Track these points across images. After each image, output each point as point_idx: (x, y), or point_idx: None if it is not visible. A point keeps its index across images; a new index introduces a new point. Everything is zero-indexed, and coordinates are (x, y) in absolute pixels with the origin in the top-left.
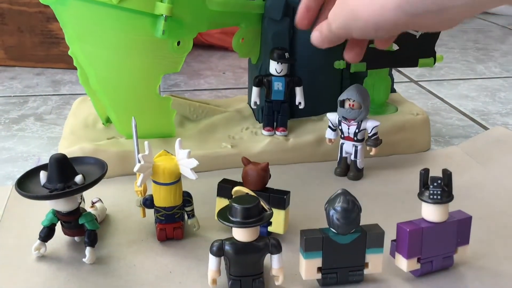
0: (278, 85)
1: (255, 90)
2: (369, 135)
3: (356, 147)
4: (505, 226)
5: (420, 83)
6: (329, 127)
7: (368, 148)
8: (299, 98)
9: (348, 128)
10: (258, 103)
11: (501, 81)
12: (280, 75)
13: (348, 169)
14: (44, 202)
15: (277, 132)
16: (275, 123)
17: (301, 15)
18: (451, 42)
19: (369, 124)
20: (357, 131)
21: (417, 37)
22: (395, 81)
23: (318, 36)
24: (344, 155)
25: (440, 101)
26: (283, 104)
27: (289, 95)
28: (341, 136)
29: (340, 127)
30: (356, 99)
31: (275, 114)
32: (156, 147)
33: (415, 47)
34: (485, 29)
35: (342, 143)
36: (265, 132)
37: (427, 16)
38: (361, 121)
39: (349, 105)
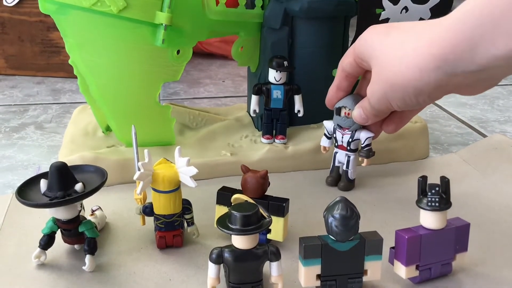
0: (277, 93)
1: (254, 98)
2: (362, 145)
3: (348, 157)
4: (504, 233)
5: (434, 101)
6: (325, 134)
7: (360, 159)
8: (298, 106)
9: (342, 137)
10: (257, 111)
11: (500, 88)
12: (279, 83)
13: (339, 178)
14: (44, 210)
15: (276, 140)
16: (274, 131)
17: (331, 95)
18: None
19: (363, 135)
20: (350, 140)
21: None
22: None
23: (361, 114)
24: (336, 164)
25: (438, 108)
26: (282, 112)
27: (288, 103)
28: (335, 144)
29: (334, 135)
30: (352, 107)
31: (274, 122)
32: (156, 155)
33: None
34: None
35: (336, 152)
36: (264, 140)
37: (467, 76)
38: (355, 131)
39: (345, 113)
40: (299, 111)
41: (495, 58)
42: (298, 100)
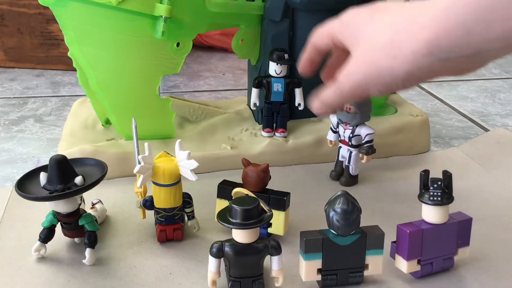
0: (277, 86)
1: (254, 91)
2: (363, 142)
3: (350, 152)
4: (506, 227)
5: (419, 84)
6: (330, 128)
7: (360, 155)
8: (299, 99)
9: (344, 132)
10: (257, 104)
11: (501, 82)
12: (280, 76)
13: (343, 173)
14: (44, 203)
15: (276, 134)
16: (274, 125)
17: (304, 66)
18: None
19: (363, 131)
20: (351, 135)
21: None
22: None
23: (321, 105)
24: (340, 158)
25: (439, 102)
26: (283, 105)
27: (289, 96)
28: (339, 139)
29: (337, 129)
30: (352, 102)
31: (275, 115)
32: (156, 149)
33: None
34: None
35: (340, 147)
36: (264, 134)
37: (461, 61)
38: (356, 126)
39: (346, 107)
40: (299, 104)
41: (490, 41)
42: (298, 93)
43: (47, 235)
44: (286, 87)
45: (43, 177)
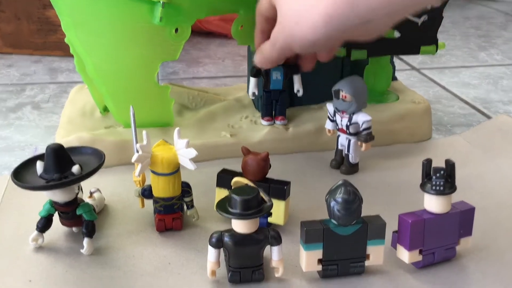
0: (276, 75)
1: (252, 80)
2: (360, 129)
3: (349, 140)
4: (508, 217)
5: (421, 71)
6: (328, 117)
7: (359, 143)
8: (297, 86)
9: (341, 120)
10: (256, 93)
11: (504, 68)
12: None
13: (343, 162)
14: (41, 192)
15: (276, 121)
16: (274, 112)
17: (258, 40)
18: (453, 29)
19: (360, 118)
20: (348, 123)
21: (419, 24)
22: (396, 69)
23: (261, 58)
24: (339, 147)
25: (441, 89)
26: (282, 93)
27: (288, 83)
28: (337, 127)
29: (335, 118)
30: (348, 90)
31: (274, 103)
32: (155, 137)
33: (417, 34)
34: (487, 15)
35: (338, 135)
36: (264, 122)
37: (354, 29)
38: (353, 114)
39: (342, 96)
40: (298, 90)
41: (374, 10)
42: (297, 80)
43: (44, 225)
44: (285, 75)
45: (39, 166)
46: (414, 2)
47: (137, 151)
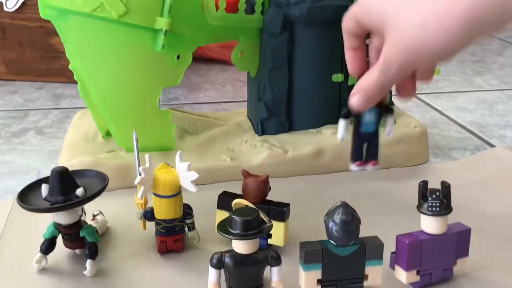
0: (370, 116)
1: (342, 123)
2: None
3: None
4: (504, 238)
5: (418, 95)
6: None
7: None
8: (389, 128)
9: None
10: (345, 138)
11: (499, 93)
12: None
13: None
14: (45, 214)
15: (367, 167)
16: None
17: (350, 59)
18: None
19: None
20: None
21: None
22: (393, 93)
23: (363, 97)
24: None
25: (438, 113)
26: (375, 135)
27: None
28: None
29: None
30: None
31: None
32: (156, 160)
33: None
34: (482, 41)
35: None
36: (354, 168)
37: (493, 32)
38: None
39: None
40: (389, 133)
41: None
42: (391, 122)
43: (48, 247)
44: (379, 116)
45: (44, 188)
46: None
47: (140, 174)
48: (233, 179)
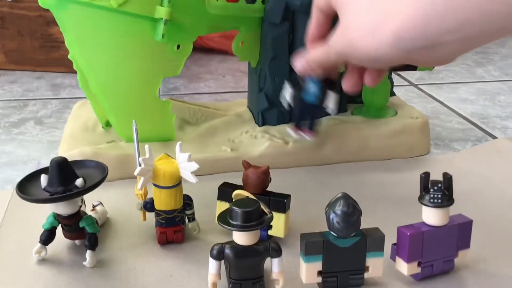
0: (313, 88)
1: (288, 89)
2: None
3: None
4: (506, 230)
5: (419, 86)
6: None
7: None
8: (330, 102)
9: None
10: (292, 105)
11: (501, 84)
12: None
13: None
14: (44, 205)
15: (303, 134)
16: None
17: (312, 32)
18: None
19: None
20: None
21: None
22: (394, 84)
23: (302, 64)
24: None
25: (439, 104)
26: (317, 109)
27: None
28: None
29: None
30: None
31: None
32: (157, 151)
33: None
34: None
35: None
36: (291, 131)
37: (421, 53)
38: None
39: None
40: (328, 107)
41: (446, 32)
42: (332, 98)
43: (47, 237)
44: (323, 90)
45: (43, 179)
46: (490, 30)
47: (140, 165)
48: (233, 170)
